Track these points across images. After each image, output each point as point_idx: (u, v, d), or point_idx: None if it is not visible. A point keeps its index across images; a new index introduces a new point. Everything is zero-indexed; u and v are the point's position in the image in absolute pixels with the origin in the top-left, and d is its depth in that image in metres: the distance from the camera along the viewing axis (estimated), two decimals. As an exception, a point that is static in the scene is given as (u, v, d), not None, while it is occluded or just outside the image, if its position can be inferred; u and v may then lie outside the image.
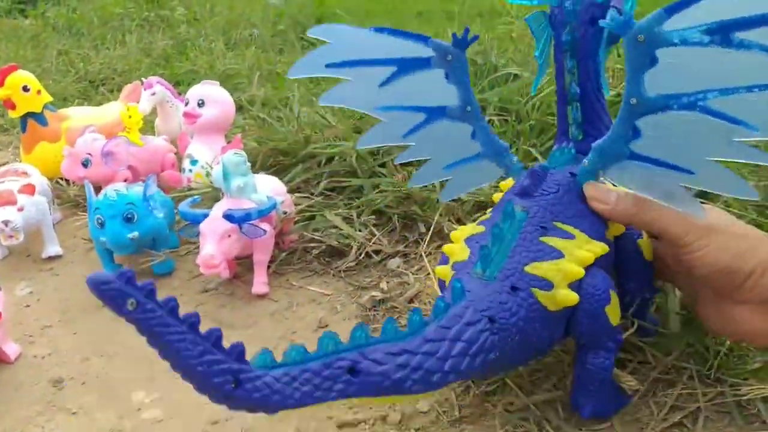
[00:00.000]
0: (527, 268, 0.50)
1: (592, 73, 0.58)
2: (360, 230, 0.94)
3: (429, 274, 0.85)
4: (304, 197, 1.04)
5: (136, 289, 0.36)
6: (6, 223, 0.89)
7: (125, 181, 1.09)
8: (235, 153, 0.83)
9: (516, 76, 1.20)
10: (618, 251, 0.58)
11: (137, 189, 0.86)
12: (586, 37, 0.57)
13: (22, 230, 0.91)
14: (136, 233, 0.83)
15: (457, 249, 0.56)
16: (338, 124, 1.19)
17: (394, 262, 0.89)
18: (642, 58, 0.46)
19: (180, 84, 1.90)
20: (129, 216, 0.83)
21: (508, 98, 1.14)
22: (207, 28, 2.58)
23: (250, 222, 0.79)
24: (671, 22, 0.44)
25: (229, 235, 0.79)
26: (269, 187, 0.89)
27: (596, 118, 0.60)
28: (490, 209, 0.61)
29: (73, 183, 1.17)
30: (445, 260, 0.57)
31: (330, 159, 1.13)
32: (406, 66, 0.57)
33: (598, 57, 0.57)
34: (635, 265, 0.59)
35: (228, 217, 0.78)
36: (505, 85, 1.18)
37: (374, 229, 0.95)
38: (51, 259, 0.98)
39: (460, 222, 0.93)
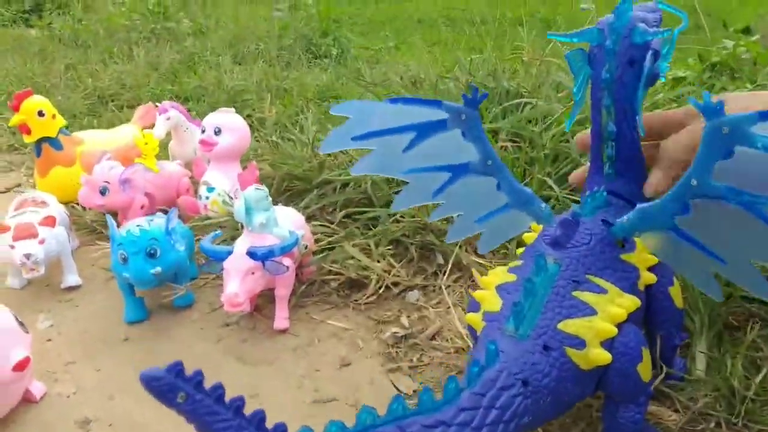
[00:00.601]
0: (560, 326, 0.51)
1: (629, 112, 0.59)
2: (378, 261, 0.95)
3: (449, 308, 0.85)
4: (321, 225, 1.05)
5: (185, 382, 0.39)
6: (28, 256, 0.89)
7: (142, 207, 1.10)
8: (257, 188, 0.84)
9: (528, 103, 1.20)
10: (649, 300, 0.59)
11: (159, 222, 0.87)
12: (624, 77, 0.58)
13: (43, 263, 0.91)
14: (159, 269, 0.83)
15: (489, 297, 0.56)
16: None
17: (413, 295, 0.90)
18: (719, 148, 0.46)
19: (189, 100, 1.91)
20: (152, 252, 0.83)
21: (521, 126, 1.15)
22: (213, 41, 2.59)
23: (273, 258, 0.80)
24: (760, 126, 0.45)
25: (253, 273, 0.79)
26: (289, 220, 0.89)
27: (630, 157, 0.61)
28: (519, 249, 0.62)
29: (90, 208, 1.17)
30: (475, 306, 0.58)
31: (345, 185, 1.13)
32: (424, 130, 0.60)
33: (636, 97, 0.58)
34: (666, 314, 0.60)
35: (251, 254, 0.78)
36: (517, 113, 1.19)
37: (392, 260, 0.95)
38: (70, 289, 0.99)
39: (477, 254, 0.94)
